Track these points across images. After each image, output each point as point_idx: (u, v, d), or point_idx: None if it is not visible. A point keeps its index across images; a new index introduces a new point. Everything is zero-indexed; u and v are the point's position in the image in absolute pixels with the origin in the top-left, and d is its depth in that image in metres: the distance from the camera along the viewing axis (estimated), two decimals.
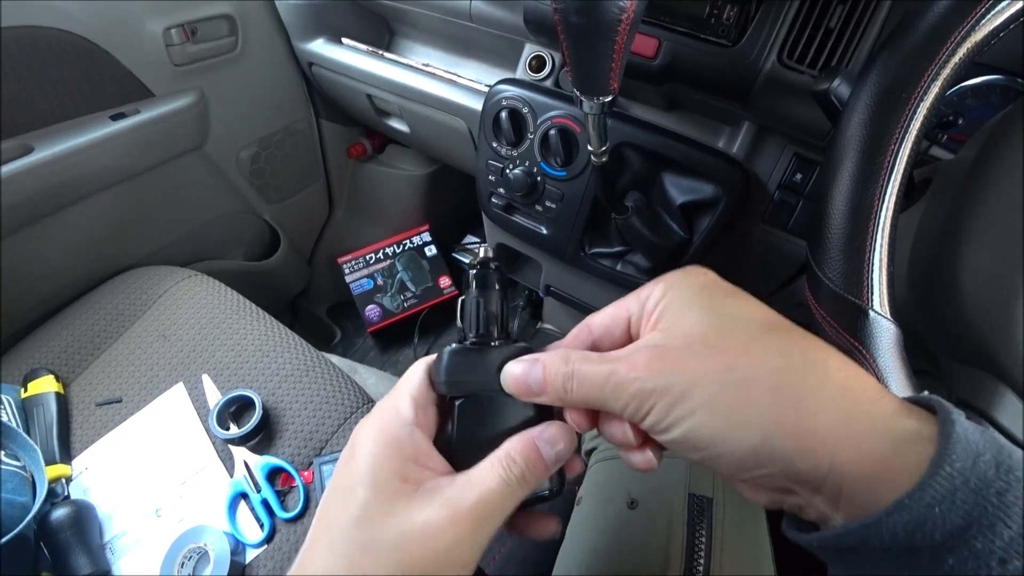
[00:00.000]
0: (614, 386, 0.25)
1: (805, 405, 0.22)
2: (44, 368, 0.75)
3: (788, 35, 0.53)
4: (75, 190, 0.84)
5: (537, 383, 0.27)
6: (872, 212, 0.34)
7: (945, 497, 0.19)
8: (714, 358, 0.23)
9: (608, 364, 0.26)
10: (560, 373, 0.27)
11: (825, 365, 0.23)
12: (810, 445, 0.21)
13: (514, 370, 0.28)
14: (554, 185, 0.70)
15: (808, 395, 0.22)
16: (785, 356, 0.23)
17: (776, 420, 0.22)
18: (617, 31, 0.34)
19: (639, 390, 0.24)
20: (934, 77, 0.33)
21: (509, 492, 0.27)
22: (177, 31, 0.88)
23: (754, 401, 0.22)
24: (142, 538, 0.64)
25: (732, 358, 0.23)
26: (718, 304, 0.25)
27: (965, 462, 0.19)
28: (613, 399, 0.25)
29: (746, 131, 0.64)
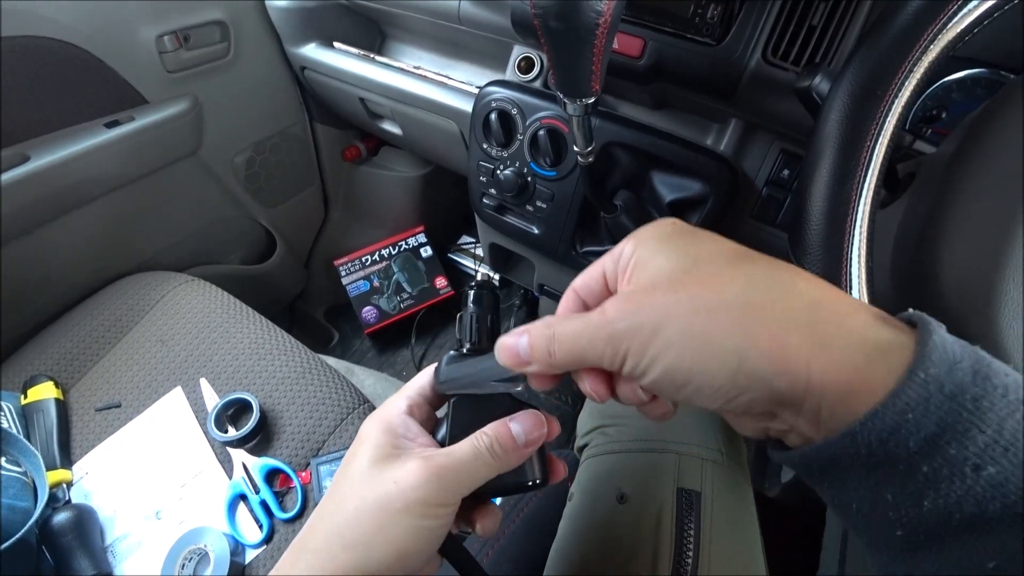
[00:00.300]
0: (589, 337, 0.25)
1: (776, 323, 0.21)
2: (43, 374, 0.76)
3: (772, 33, 0.54)
4: (71, 198, 0.85)
5: (525, 351, 0.28)
6: (849, 207, 0.34)
7: (919, 403, 0.19)
8: (679, 291, 0.23)
9: (583, 318, 0.26)
10: (543, 336, 0.27)
11: (792, 283, 0.23)
12: (785, 363, 0.21)
13: (506, 341, 0.29)
14: (544, 185, 0.70)
15: (778, 313, 0.22)
16: (749, 279, 0.23)
17: (750, 341, 0.21)
18: (595, 35, 0.34)
19: (611, 334, 0.24)
20: (908, 75, 0.34)
21: (479, 459, 0.31)
22: (170, 38, 0.89)
23: (724, 326, 0.22)
24: (143, 540, 0.64)
25: (697, 289, 0.23)
26: (683, 245, 0.26)
27: (940, 368, 0.19)
28: (590, 350, 0.25)
29: (733, 128, 0.64)
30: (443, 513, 0.30)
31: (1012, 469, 0.18)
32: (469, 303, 0.37)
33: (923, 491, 0.19)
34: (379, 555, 0.28)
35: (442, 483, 0.29)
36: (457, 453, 0.31)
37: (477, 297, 0.37)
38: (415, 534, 0.29)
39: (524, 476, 0.34)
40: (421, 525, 0.29)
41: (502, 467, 0.31)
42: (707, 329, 0.22)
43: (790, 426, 0.23)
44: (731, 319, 0.22)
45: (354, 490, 0.30)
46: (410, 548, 0.29)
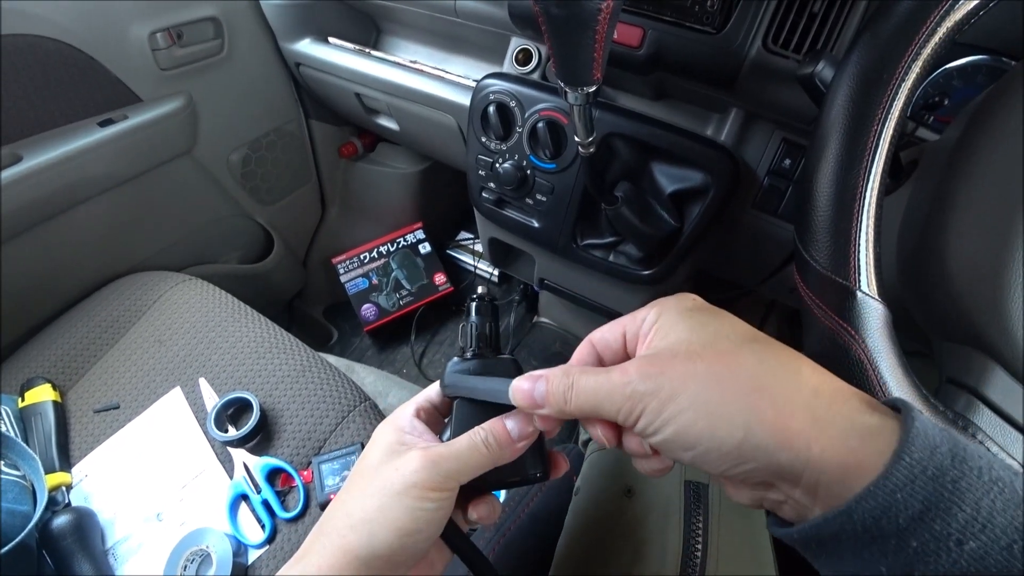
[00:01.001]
0: (607, 392, 0.27)
1: (782, 403, 0.24)
2: (41, 377, 0.75)
3: (772, 20, 0.53)
4: (66, 198, 0.84)
5: (541, 396, 0.30)
6: (857, 193, 0.34)
7: (906, 484, 0.21)
8: (698, 363, 0.26)
9: (604, 374, 0.28)
10: (561, 385, 0.30)
11: (799, 369, 0.25)
12: (788, 439, 0.23)
13: (522, 385, 0.31)
14: (544, 178, 0.70)
15: (784, 394, 0.24)
16: (762, 361, 0.26)
17: (757, 416, 0.24)
18: (597, 20, 0.34)
19: (632, 393, 0.26)
20: (914, 58, 0.33)
21: (474, 450, 0.33)
22: (163, 35, 0.88)
23: (736, 399, 0.24)
24: (144, 542, 0.64)
25: (713, 363, 0.26)
26: (704, 321, 0.28)
27: (923, 452, 0.21)
28: (608, 404, 0.27)
29: (734, 118, 0.64)
30: (439, 498, 0.32)
31: (990, 543, 0.20)
32: (472, 315, 0.40)
33: (913, 563, 0.21)
34: (382, 534, 0.31)
35: (437, 469, 0.32)
36: (454, 444, 0.34)
37: (479, 309, 0.41)
38: (413, 515, 0.31)
39: (525, 470, 0.37)
40: (418, 507, 0.31)
41: (497, 459, 0.34)
42: (720, 400, 0.24)
43: (786, 497, 0.25)
44: (742, 394, 0.24)
45: (363, 480, 0.34)
46: (409, 527, 0.31)
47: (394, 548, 0.31)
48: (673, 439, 0.25)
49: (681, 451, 0.26)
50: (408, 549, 0.31)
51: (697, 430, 0.25)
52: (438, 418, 0.40)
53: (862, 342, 0.33)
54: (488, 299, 0.41)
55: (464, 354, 0.40)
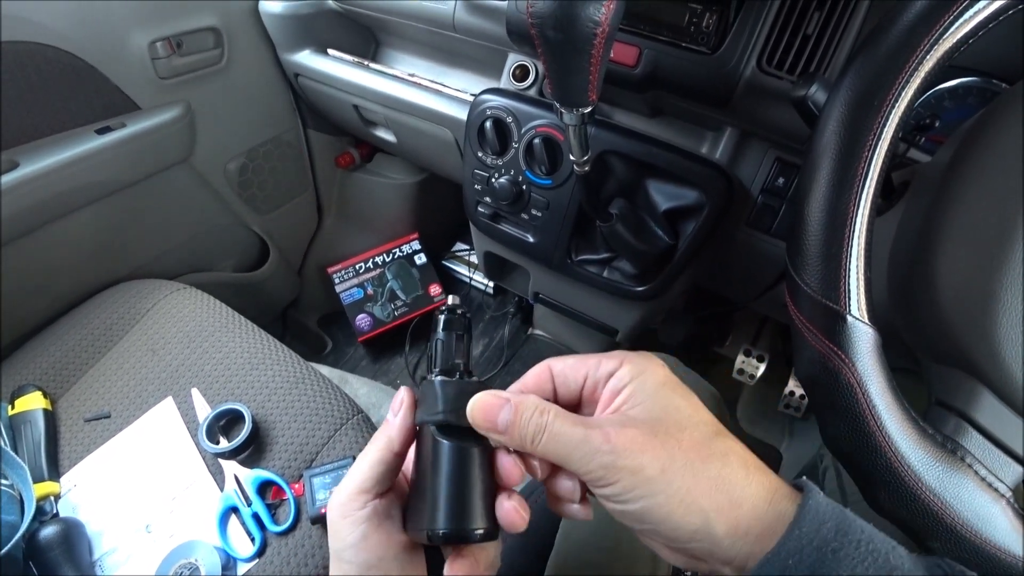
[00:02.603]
0: (584, 451, 0.28)
1: (736, 500, 0.27)
2: (31, 384, 0.75)
3: (767, 41, 0.54)
4: (62, 204, 0.84)
5: (504, 423, 0.29)
6: (848, 218, 0.34)
7: (795, 552, 0.25)
8: (677, 450, 0.28)
9: (583, 429, 0.29)
10: (532, 423, 0.29)
11: (748, 472, 0.28)
12: (737, 530, 0.27)
13: (484, 401, 0.30)
14: (539, 193, 0.70)
15: (738, 491, 0.27)
16: (725, 458, 0.28)
17: (717, 509, 0.27)
18: (593, 44, 0.34)
19: (611, 464, 0.27)
20: (906, 84, 0.34)
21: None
22: (162, 44, 0.88)
23: (704, 491, 0.27)
24: (133, 554, 0.63)
25: (690, 452, 0.28)
26: (678, 405, 0.30)
27: (811, 526, 0.25)
28: (579, 462, 0.28)
29: (729, 136, 0.64)
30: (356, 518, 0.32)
31: None
32: (439, 329, 0.35)
33: None
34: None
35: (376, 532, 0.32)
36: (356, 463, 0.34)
37: (447, 323, 0.35)
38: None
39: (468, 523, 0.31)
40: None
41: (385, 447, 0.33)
42: (691, 489, 0.27)
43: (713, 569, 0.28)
44: (709, 487, 0.27)
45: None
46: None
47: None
48: (636, 514, 0.27)
49: (636, 523, 0.28)
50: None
51: (664, 511, 0.27)
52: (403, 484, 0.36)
53: (852, 366, 0.33)
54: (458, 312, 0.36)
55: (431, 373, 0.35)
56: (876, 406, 0.32)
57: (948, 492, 0.31)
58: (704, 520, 0.27)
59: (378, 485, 0.32)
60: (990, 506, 0.31)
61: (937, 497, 0.31)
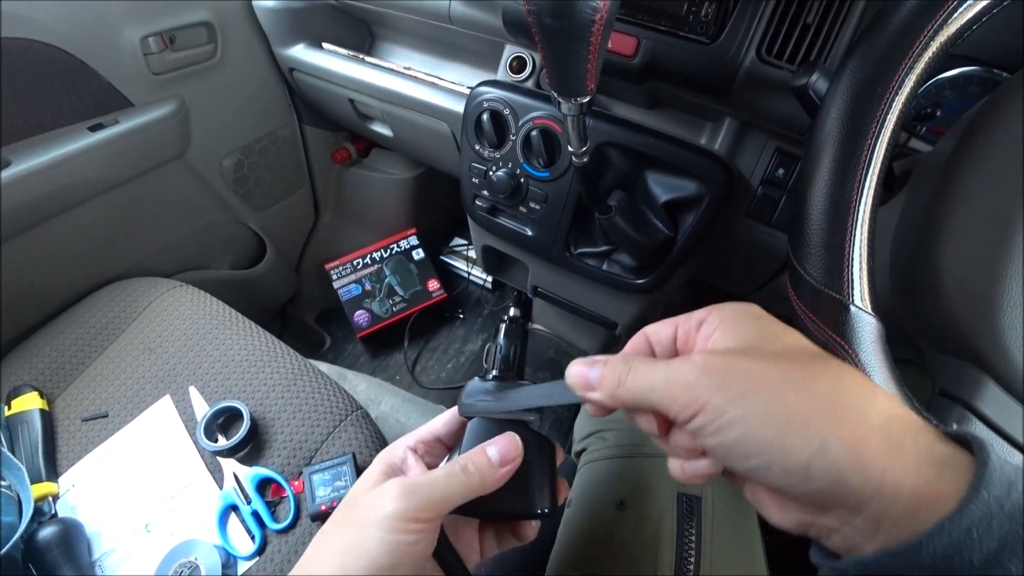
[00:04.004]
0: (664, 379, 0.26)
1: (859, 422, 0.22)
2: (28, 385, 0.74)
3: (766, 31, 0.53)
4: (55, 203, 0.83)
5: (596, 379, 0.28)
6: (851, 207, 0.34)
7: (983, 520, 0.19)
8: (771, 366, 0.24)
9: (663, 363, 0.26)
10: (617, 369, 0.28)
11: (873, 394, 0.24)
12: (863, 461, 0.21)
13: (579, 368, 0.30)
14: (538, 186, 0.70)
15: (861, 414, 0.22)
16: (839, 377, 0.24)
17: (834, 432, 0.22)
18: (591, 32, 0.34)
19: (693, 383, 0.24)
20: (908, 71, 0.33)
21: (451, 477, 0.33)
22: (155, 39, 0.87)
23: (814, 411, 0.22)
24: (132, 554, 0.63)
25: (789, 369, 0.24)
26: (775, 331, 0.26)
27: (1000, 489, 0.20)
28: (663, 393, 0.25)
29: (728, 127, 0.64)
30: (417, 529, 0.31)
31: None
32: (500, 336, 0.40)
33: None
34: (354, 566, 0.30)
35: (414, 499, 0.31)
36: (432, 472, 0.33)
37: (508, 331, 0.40)
38: (388, 548, 0.30)
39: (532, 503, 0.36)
40: (393, 539, 0.30)
41: (479, 486, 0.33)
42: (794, 408, 0.22)
43: (840, 524, 0.23)
44: (818, 407, 0.22)
45: (346, 508, 0.34)
46: (382, 562, 0.29)
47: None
48: (733, 444, 0.23)
49: (739, 459, 0.24)
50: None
51: (764, 438, 0.22)
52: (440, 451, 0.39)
53: (855, 356, 0.33)
54: (519, 322, 0.41)
55: (486, 375, 0.39)
56: None
57: None
58: (820, 445, 0.22)
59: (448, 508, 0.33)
60: None
61: None
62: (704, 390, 0.24)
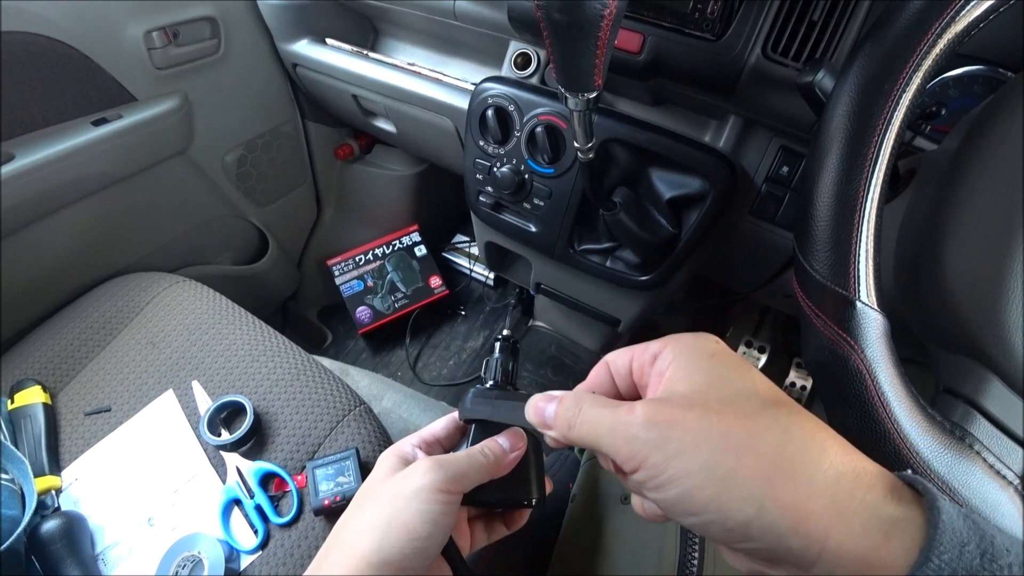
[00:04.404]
0: (609, 429, 0.26)
1: (802, 483, 0.22)
2: (31, 379, 0.74)
3: (772, 28, 0.53)
4: (58, 197, 0.83)
5: (551, 416, 0.30)
6: (857, 203, 0.34)
7: None
8: (714, 420, 0.23)
9: (610, 409, 0.27)
10: (569, 410, 0.29)
11: (824, 447, 0.23)
12: (805, 524, 0.21)
13: (537, 404, 0.32)
14: (542, 182, 0.70)
15: (806, 473, 0.22)
16: (786, 431, 0.23)
17: (772, 494, 0.22)
18: (600, 27, 0.34)
19: (633, 437, 0.25)
20: (915, 68, 0.33)
21: (473, 458, 0.35)
22: (158, 34, 0.87)
23: (752, 471, 0.22)
24: (135, 548, 0.63)
25: (732, 424, 0.23)
26: (725, 375, 0.26)
27: (952, 552, 0.20)
28: (608, 442, 0.26)
29: (732, 125, 0.64)
30: (446, 500, 0.33)
31: None
32: (496, 352, 0.46)
33: None
34: (393, 538, 0.31)
35: (443, 472, 0.33)
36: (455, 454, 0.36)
37: (503, 348, 0.46)
38: (423, 518, 0.32)
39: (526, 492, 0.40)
40: (428, 509, 0.32)
41: (494, 468, 0.36)
42: (734, 469, 0.22)
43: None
44: (760, 467, 0.22)
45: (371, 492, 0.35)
46: (420, 531, 0.32)
47: (405, 553, 0.31)
48: (674, 501, 0.23)
49: (681, 516, 0.24)
50: (419, 554, 0.32)
51: (704, 497, 0.22)
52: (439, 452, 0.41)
53: (861, 352, 0.33)
54: (512, 340, 0.47)
55: (485, 383, 0.44)
56: (885, 392, 0.32)
57: (956, 479, 0.31)
58: (757, 509, 0.21)
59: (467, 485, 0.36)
60: (998, 493, 0.31)
61: (945, 484, 0.31)
62: (644, 445, 0.24)
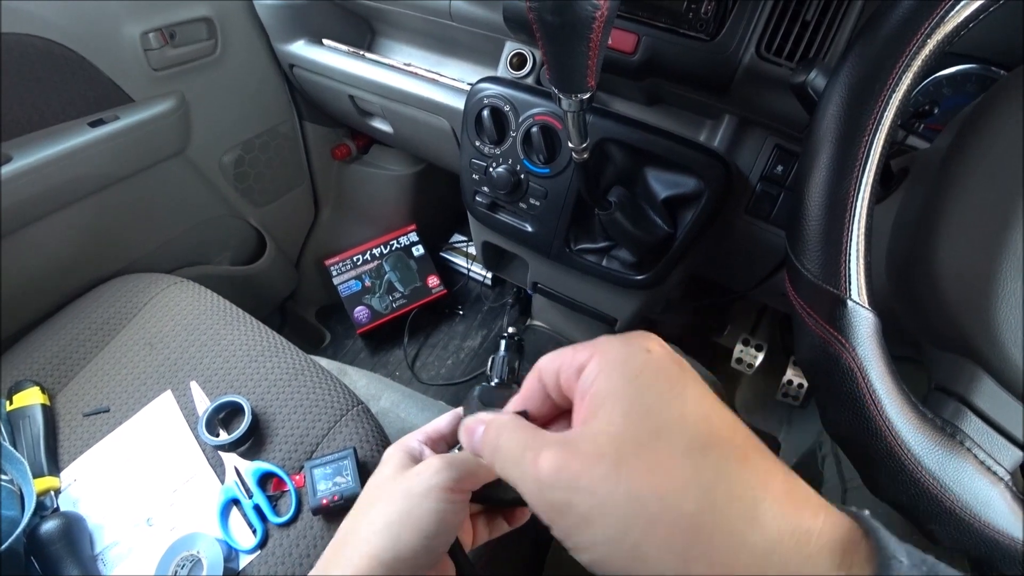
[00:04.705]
0: (520, 475, 0.24)
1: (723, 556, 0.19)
2: (29, 380, 0.74)
3: (766, 28, 0.54)
4: (56, 198, 0.83)
5: (478, 442, 0.28)
6: (848, 203, 0.34)
7: None
8: (621, 481, 0.20)
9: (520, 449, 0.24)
10: (490, 442, 0.26)
11: (755, 509, 0.19)
12: None
13: (467, 424, 0.29)
14: (538, 182, 0.70)
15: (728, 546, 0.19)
16: (708, 491, 0.20)
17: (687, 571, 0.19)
18: (592, 28, 0.34)
19: (537, 499, 0.22)
20: (905, 69, 0.34)
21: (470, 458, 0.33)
22: (155, 35, 0.87)
23: (662, 545, 0.19)
24: (134, 548, 0.63)
25: (644, 481, 0.20)
26: (650, 400, 0.22)
27: None
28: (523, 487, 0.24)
29: (727, 124, 0.64)
30: (458, 499, 0.32)
31: None
32: (501, 349, 0.47)
33: None
34: (406, 536, 0.31)
35: (454, 471, 0.32)
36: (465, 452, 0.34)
37: (508, 345, 0.47)
38: (436, 516, 0.31)
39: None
40: (441, 508, 0.31)
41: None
42: (641, 543, 0.19)
43: None
44: (672, 539, 0.19)
45: (380, 491, 0.34)
46: (432, 529, 0.31)
47: (417, 551, 0.31)
48: (588, 565, 0.21)
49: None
50: (431, 552, 0.31)
51: (615, 567, 0.20)
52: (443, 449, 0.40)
53: (852, 351, 0.33)
54: (517, 338, 0.48)
55: (490, 381, 0.45)
56: (876, 390, 0.33)
57: (947, 475, 0.32)
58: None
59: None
60: (989, 489, 0.32)
61: (937, 480, 0.32)
62: (547, 509, 0.22)
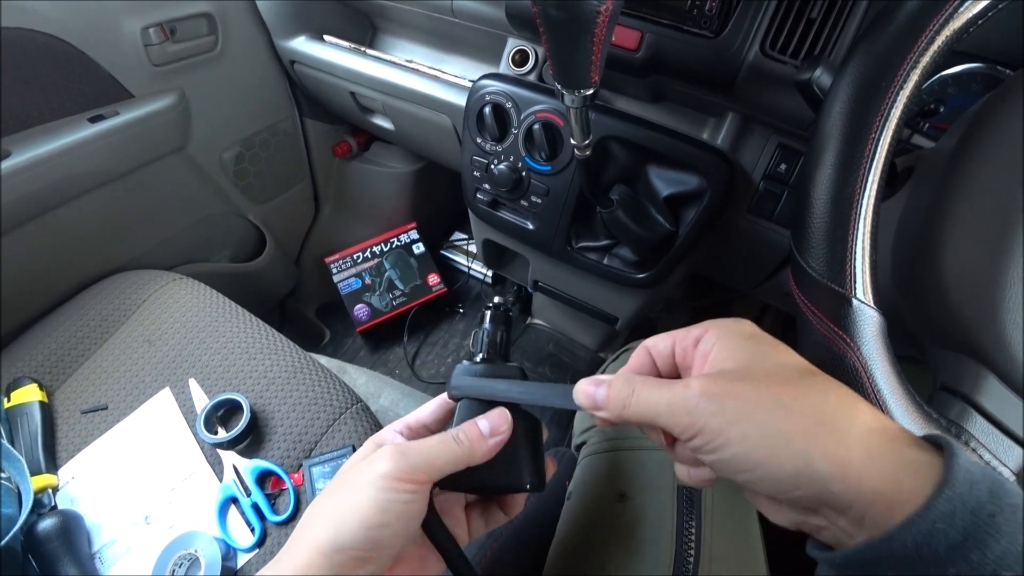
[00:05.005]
0: (667, 405, 0.28)
1: (841, 437, 0.25)
2: (27, 377, 0.74)
3: (770, 25, 0.53)
4: (55, 194, 0.83)
5: (602, 400, 0.31)
6: (854, 201, 0.34)
7: (946, 516, 0.22)
8: (762, 390, 0.27)
9: (666, 387, 0.29)
10: (622, 391, 0.30)
11: (855, 406, 0.26)
12: (844, 471, 0.24)
13: (586, 388, 0.32)
14: (539, 180, 0.70)
15: (843, 429, 0.25)
16: (823, 395, 0.27)
17: (818, 448, 0.25)
18: (596, 23, 0.34)
19: (692, 409, 0.27)
20: (913, 66, 0.33)
21: (443, 444, 0.35)
22: (155, 30, 0.87)
23: (800, 430, 0.25)
24: (132, 546, 0.63)
25: (778, 391, 0.26)
26: (765, 351, 0.29)
27: (964, 488, 0.22)
28: (666, 417, 0.28)
29: (731, 122, 0.64)
30: (408, 489, 0.32)
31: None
32: (486, 322, 0.42)
33: None
34: (347, 526, 0.31)
35: (405, 460, 0.33)
36: (424, 440, 0.35)
37: (493, 317, 0.43)
38: (379, 506, 0.31)
39: (520, 477, 0.37)
40: (384, 497, 0.31)
41: (469, 454, 0.35)
42: (784, 428, 0.25)
43: (828, 523, 0.26)
44: (805, 425, 0.25)
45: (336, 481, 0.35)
46: (373, 520, 0.31)
47: (359, 541, 0.31)
48: (730, 461, 0.26)
49: (735, 472, 0.27)
50: (375, 543, 0.31)
51: (758, 455, 0.25)
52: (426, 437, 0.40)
53: (857, 349, 0.33)
54: (503, 308, 0.44)
55: (473, 358, 0.41)
56: (881, 390, 0.32)
57: None
58: (805, 461, 0.25)
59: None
60: None
61: None
62: (702, 415, 0.27)
